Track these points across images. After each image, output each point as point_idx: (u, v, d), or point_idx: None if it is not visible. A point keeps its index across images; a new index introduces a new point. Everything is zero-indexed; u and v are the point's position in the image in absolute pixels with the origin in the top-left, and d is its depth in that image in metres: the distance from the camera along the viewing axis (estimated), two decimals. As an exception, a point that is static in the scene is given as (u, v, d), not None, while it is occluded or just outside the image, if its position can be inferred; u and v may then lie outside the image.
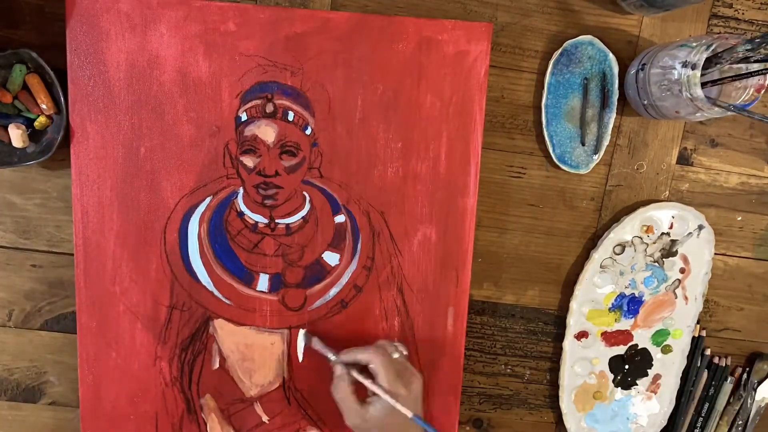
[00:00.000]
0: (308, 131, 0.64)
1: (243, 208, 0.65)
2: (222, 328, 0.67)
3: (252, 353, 0.67)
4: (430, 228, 0.67)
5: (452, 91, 0.64)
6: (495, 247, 0.71)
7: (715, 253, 0.73)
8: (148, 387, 0.67)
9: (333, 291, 0.67)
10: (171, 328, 0.66)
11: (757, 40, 0.53)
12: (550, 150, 0.68)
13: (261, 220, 0.65)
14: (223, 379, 0.68)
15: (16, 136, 0.60)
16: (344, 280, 0.67)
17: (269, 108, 0.63)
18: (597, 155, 0.68)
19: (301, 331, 0.65)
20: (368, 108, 0.64)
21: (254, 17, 0.62)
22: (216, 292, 0.66)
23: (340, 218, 0.66)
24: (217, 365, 0.67)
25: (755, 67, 0.58)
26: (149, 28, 0.61)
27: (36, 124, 0.62)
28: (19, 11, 0.63)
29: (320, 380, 0.68)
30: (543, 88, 0.67)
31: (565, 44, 0.66)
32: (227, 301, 0.66)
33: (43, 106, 0.61)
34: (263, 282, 0.66)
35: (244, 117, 0.63)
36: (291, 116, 0.63)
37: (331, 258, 0.67)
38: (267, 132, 0.64)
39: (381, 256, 0.67)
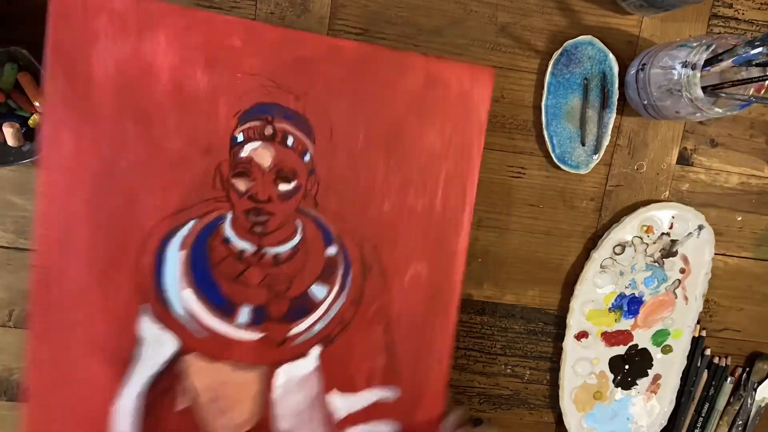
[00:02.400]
0: (307, 158, 0.61)
1: (230, 234, 0.61)
2: (194, 364, 0.61)
3: (226, 391, 0.62)
4: (421, 264, 0.64)
5: (453, 131, 0.63)
6: (495, 247, 0.71)
7: (715, 253, 0.73)
8: (105, 428, 0.60)
9: (318, 326, 0.63)
10: (136, 363, 0.60)
11: (757, 42, 0.53)
12: (550, 150, 0.68)
13: (248, 247, 0.61)
14: (187, 421, 0.62)
15: (11, 134, 0.60)
16: (331, 314, 0.64)
17: (268, 131, 0.60)
18: (597, 155, 0.68)
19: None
20: (370, 140, 0.62)
21: (262, 36, 0.58)
22: (191, 324, 0.60)
23: (331, 251, 0.63)
24: (185, 405, 0.61)
25: (755, 71, 0.58)
26: (145, 34, 0.57)
27: (30, 122, 0.62)
28: (19, 11, 0.63)
29: (297, 420, 0.64)
30: (543, 88, 0.67)
31: (565, 44, 0.66)
32: (203, 334, 0.61)
33: (37, 104, 0.61)
34: (244, 314, 0.62)
35: (240, 138, 0.60)
36: (290, 141, 0.61)
37: (319, 291, 0.63)
38: (263, 155, 0.60)
39: (370, 291, 0.64)
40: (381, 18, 0.65)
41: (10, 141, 0.61)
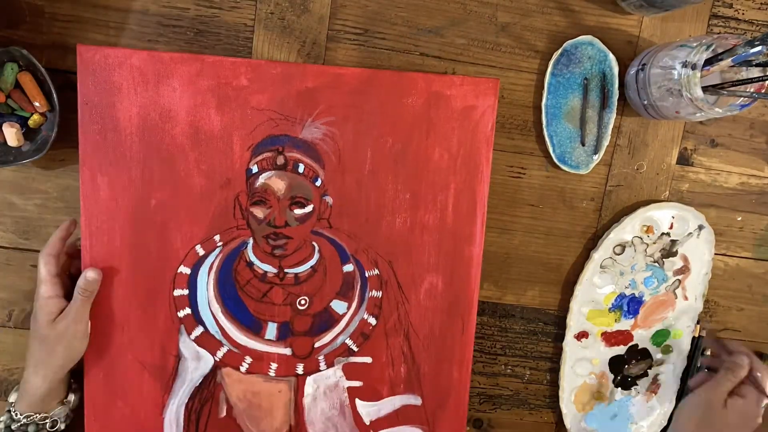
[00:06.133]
0: (318, 183, 0.64)
1: (252, 258, 0.65)
2: (229, 377, 0.67)
3: (259, 401, 0.67)
4: (436, 276, 0.67)
5: (460, 144, 0.65)
6: (495, 247, 0.71)
7: (715, 253, 0.73)
8: None
9: (341, 339, 0.67)
10: (178, 377, 0.66)
11: (756, 42, 0.53)
12: (550, 150, 0.68)
13: (270, 269, 0.66)
14: (230, 427, 0.68)
15: (11, 134, 0.60)
16: (352, 328, 0.67)
17: (280, 160, 0.63)
18: (597, 155, 0.68)
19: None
20: (377, 160, 0.65)
21: (266, 72, 0.62)
22: (224, 341, 0.66)
23: (348, 267, 0.66)
24: (224, 413, 0.67)
25: (755, 71, 0.58)
26: (162, 82, 0.61)
27: (30, 122, 0.62)
28: (19, 11, 0.63)
29: (326, 426, 0.69)
30: (543, 88, 0.67)
31: (565, 44, 0.66)
32: (235, 350, 0.66)
33: (37, 104, 0.61)
34: (271, 331, 0.66)
35: (255, 169, 0.64)
36: (301, 168, 0.64)
37: (339, 306, 0.67)
38: (277, 184, 0.64)
39: (388, 304, 0.67)
40: (381, 18, 0.65)
41: (11, 141, 0.61)
